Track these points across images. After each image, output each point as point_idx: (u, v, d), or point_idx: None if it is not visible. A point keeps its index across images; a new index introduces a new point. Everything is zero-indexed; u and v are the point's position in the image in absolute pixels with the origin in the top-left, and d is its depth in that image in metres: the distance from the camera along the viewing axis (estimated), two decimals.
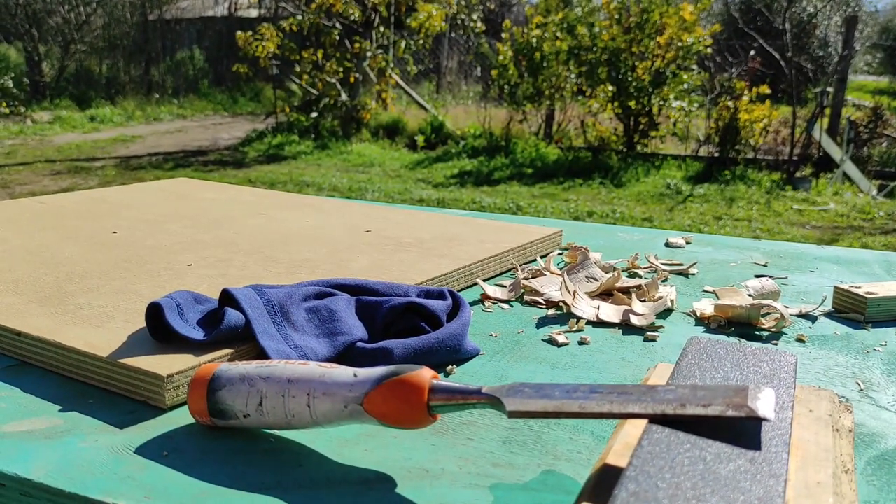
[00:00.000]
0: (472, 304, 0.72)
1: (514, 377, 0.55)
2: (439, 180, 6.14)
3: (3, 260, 0.76)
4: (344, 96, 7.98)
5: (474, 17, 9.23)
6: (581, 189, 5.87)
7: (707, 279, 0.82)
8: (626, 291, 0.74)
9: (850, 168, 6.01)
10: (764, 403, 0.35)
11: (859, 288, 0.70)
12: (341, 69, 7.93)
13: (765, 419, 0.35)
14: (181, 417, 0.47)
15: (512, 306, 0.72)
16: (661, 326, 0.66)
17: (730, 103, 6.46)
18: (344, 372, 0.42)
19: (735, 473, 0.32)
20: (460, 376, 0.55)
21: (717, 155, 6.56)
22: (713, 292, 0.76)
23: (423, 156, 7.21)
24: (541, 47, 7.16)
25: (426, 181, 6.13)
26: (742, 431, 0.35)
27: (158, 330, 0.54)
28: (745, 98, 6.50)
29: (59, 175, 6.21)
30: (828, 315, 0.71)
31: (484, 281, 0.79)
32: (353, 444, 0.44)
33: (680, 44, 6.66)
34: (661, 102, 6.81)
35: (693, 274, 0.84)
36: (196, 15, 13.32)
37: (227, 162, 7.07)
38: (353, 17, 7.87)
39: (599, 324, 0.67)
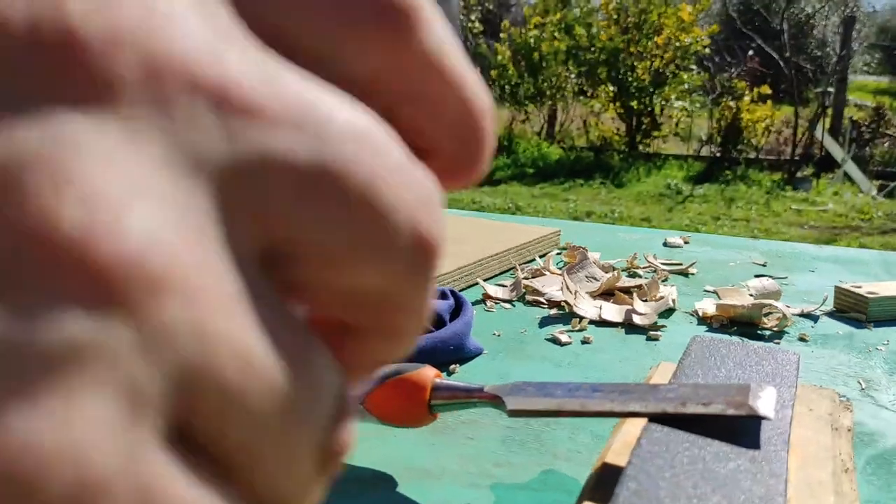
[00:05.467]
0: (473, 303, 0.72)
1: (517, 376, 0.55)
2: None
3: None
4: None
5: (472, 17, 9.23)
6: (581, 189, 5.88)
7: (707, 279, 0.82)
8: (626, 291, 0.74)
9: (852, 168, 6.02)
10: (765, 402, 0.35)
11: (860, 288, 0.70)
12: None
13: (765, 418, 0.35)
14: None
15: (514, 306, 0.72)
16: (663, 326, 0.66)
17: (731, 103, 6.47)
18: None
19: (735, 472, 0.32)
20: (463, 375, 0.55)
21: (719, 155, 6.57)
22: (714, 292, 0.76)
23: None
24: (539, 47, 7.17)
25: None
26: (742, 430, 0.35)
27: None
28: (747, 98, 6.51)
29: None
30: (829, 314, 0.71)
31: (484, 281, 0.79)
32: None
33: (678, 44, 6.67)
34: (664, 103, 6.82)
35: (693, 274, 0.84)
36: None
37: None
38: None
39: (602, 323, 0.67)
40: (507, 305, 0.72)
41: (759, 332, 0.65)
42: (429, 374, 0.40)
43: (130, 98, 0.08)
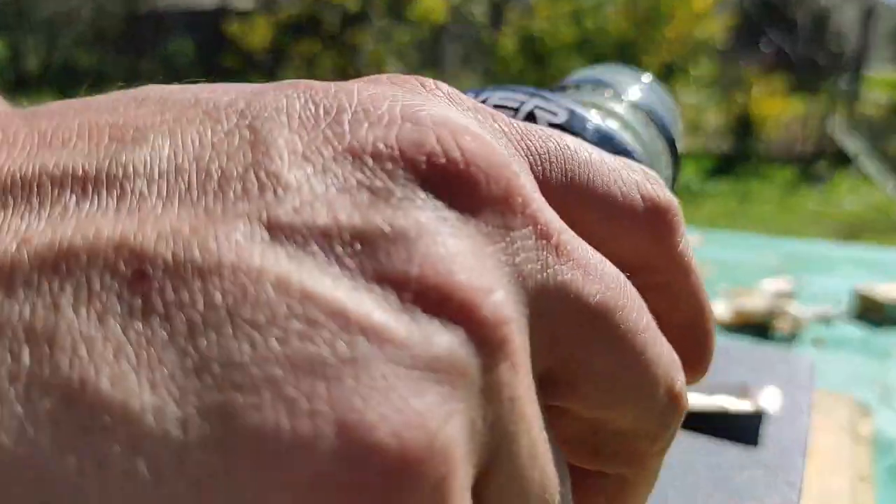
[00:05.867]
0: None
1: None
2: None
3: None
4: None
5: (474, 10, 9.18)
6: None
7: (721, 280, 0.81)
8: None
9: (868, 164, 5.95)
10: (766, 398, 0.35)
11: (877, 290, 0.69)
12: (340, 62, 7.91)
13: (770, 414, 0.34)
14: None
15: None
16: None
17: (741, 99, 6.42)
18: None
19: (750, 481, 0.32)
20: None
21: (731, 149, 6.52)
22: (728, 294, 0.75)
23: None
24: (546, 38, 7.12)
25: None
26: (757, 438, 0.35)
27: None
28: (760, 91, 6.45)
29: None
30: (846, 317, 0.70)
31: None
32: None
33: (689, 38, 6.61)
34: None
35: (706, 276, 0.83)
36: (186, 5, 13.25)
37: None
38: (349, 10, 7.84)
39: None
40: None
41: (772, 335, 0.64)
42: None
43: (489, 214, 0.11)
